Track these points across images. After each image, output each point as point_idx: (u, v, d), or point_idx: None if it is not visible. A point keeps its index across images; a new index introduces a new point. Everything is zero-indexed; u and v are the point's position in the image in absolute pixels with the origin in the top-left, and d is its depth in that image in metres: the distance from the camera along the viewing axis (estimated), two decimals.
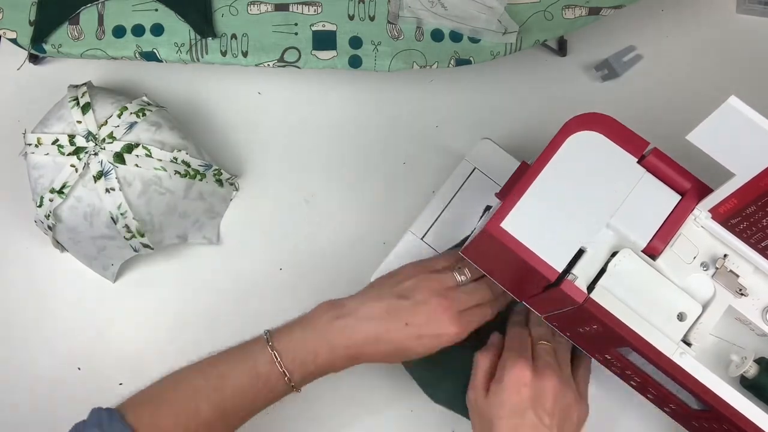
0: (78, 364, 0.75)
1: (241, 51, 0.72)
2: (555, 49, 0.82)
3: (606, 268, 0.53)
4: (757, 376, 0.54)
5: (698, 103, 0.76)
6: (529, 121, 0.81)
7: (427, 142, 0.80)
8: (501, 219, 0.53)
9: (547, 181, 0.54)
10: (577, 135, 0.55)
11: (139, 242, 0.70)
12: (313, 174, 0.79)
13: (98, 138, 0.68)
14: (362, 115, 0.81)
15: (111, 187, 0.67)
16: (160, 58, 0.72)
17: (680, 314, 0.53)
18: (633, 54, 0.82)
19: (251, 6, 0.73)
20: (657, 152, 0.55)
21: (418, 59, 0.73)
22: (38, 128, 0.70)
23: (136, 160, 0.68)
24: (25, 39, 0.72)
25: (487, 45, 0.73)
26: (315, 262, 0.77)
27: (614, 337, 0.54)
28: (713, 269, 0.55)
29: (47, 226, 0.69)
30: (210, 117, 0.81)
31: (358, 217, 0.78)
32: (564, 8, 0.73)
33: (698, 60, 0.82)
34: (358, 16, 0.73)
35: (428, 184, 0.78)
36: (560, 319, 0.60)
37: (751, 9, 0.83)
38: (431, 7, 0.72)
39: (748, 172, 0.49)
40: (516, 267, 0.55)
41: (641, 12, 0.83)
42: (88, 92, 0.71)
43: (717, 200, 0.53)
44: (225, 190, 0.76)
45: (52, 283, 0.76)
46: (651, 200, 0.54)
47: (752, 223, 0.53)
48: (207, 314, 0.76)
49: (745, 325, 0.56)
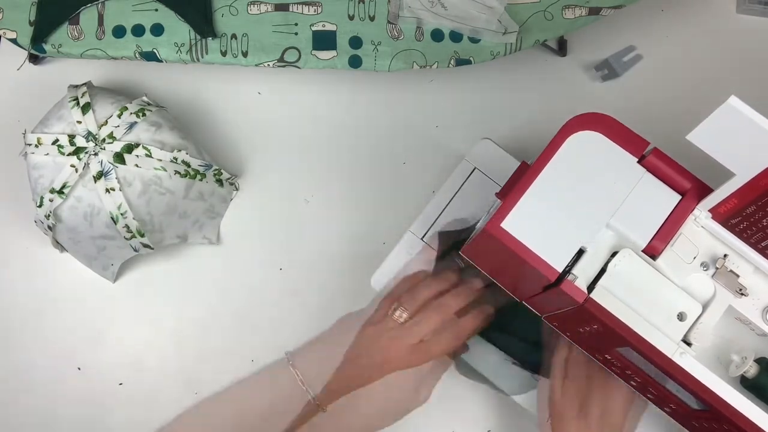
0: (78, 364, 0.75)
1: (241, 51, 0.72)
2: (555, 49, 0.82)
3: (606, 268, 0.53)
4: (757, 376, 0.54)
5: (698, 103, 0.76)
6: (529, 121, 0.81)
7: (427, 142, 0.80)
8: (501, 219, 0.53)
9: (547, 181, 0.54)
10: (577, 135, 0.55)
11: (139, 242, 0.70)
12: (313, 174, 0.79)
13: (98, 138, 0.68)
14: (362, 115, 0.81)
15: (111, 187, 0.67)
16: (160, 58, 0.72)
17: (680, 314, 0.53)
18: (633, 54, 0.82)
19: (251, 6, 0.73)
20: (657, 152, 0.55)
21: (418, 59, 0.73)
22: (38, 128, 0.70)
23: (136, 160, 0.68)
24: (25, 39, 0.72)
25: (487, 45, 0.73)
26: (315, 262, 0.77)
27: (614, 337, 0.54)
28: (713, 269, 0.55)
29: (47, 226, 0.69)
30: (210, 117, 0.81)
31: (358, 217, 0.78)
32: (564, 8, 0.73)
33: (698, 60, 0.83)
34: (358, 16, 0.73)
35: (428, 184, 0.78)
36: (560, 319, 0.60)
37: (751, 9, 0.83)
38: (431, 7, 0.72)
39: (748, 172, 0.49)
40: (516, 267, 0.55)
41: (641, 12, 0.83)
42: (88, 92, 0.71)
43: (717, 200, 0.53)
44: (225, 190, 0.76)
45: (52, 283, 0.76)
46: (651, 200, 0.54)
47: (752, 223, 0.53)
48: (207, 314, 0.76)
49: (745, 325, 0.56)
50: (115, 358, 0.75)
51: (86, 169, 0.67)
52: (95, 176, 0.67)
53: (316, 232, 0.78)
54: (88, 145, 0.68)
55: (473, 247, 0.62)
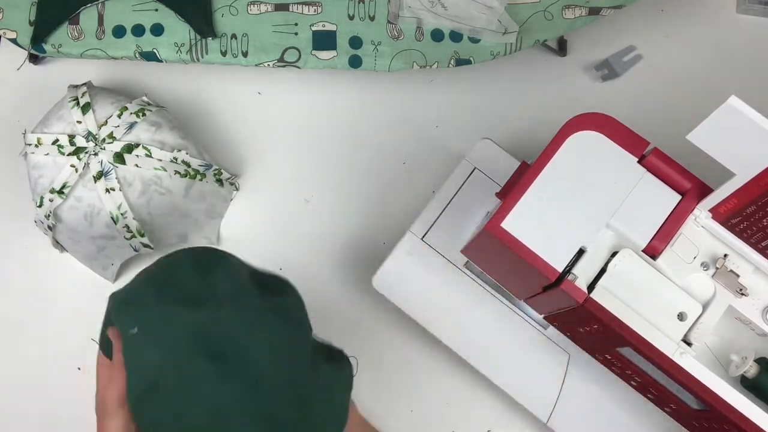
0: (78, 364, 0.75)
1: (241, 51, 0.72)
2: (555, 49, 0.82)
3: (606, 268, 0.53)
4: (757, 376, 0.54)
5: (698, 103, 0.76)
6: (529, 121, 0.80)
7: (427, 142, 0.80)
8: (501, 218, 0.53)
9: (547, 181, 0.54)
10: (577, 135, 0.55)
11: (139, 242, 0.70)
12: (313, 174, 0.79)
13: (98, 138, 0.68)
14: (362, 115, 0.81)
15: (111, 187, 0.67)
16: (160, 58, 0.72)
17: (680, 314, 0.53)
18: (633, 54, 0.82)
19: (251, 6, 0.73)
20: (657, 152, 0.55)
21: (418, 59, 0.73)
22: (38, 128, 0.70)
23: (136, 160, 0.68)
24: (25, 39, 0.72)
25: (487, 45, 0.73)
26: (315, 262, 0.77)
27: (614, 337, 0.54)
28: (713, 269, 0.55)
29: (47, 226, 0.69)
30: (210, 117, 0.81)
31: (358, 217, 0.78)
32: (564, 8, 0.73)
33: (698, 60, 0.83)
34: (358, 16, 0.73)
35: (428, 184, 0.78)
36: (560, 319, 0.60)
37: (751, 9, 0.83)
38: (431, 7, 0.72)
39: (748, 172, 0.49)
40: (516, 267, 0.55)
41: (641, 12, 0.83)
42: (88, 92, 0.71)
43: (717, 200, 0.53)
44: (225, 190, 0.76)
45: (52, 283, 0.76)
46: (651, 200, 0.54)
47: (752, 223, 0.53)
48: None
49: (745, 325, 0.56)
50: None
51: (86, 169, 0.67)
52: (95, 176, 0.67)
53: (316, 232, 0.78)
54: (88, 145, 0.68)
55: (473, 247, 0.62)
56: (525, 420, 0.72)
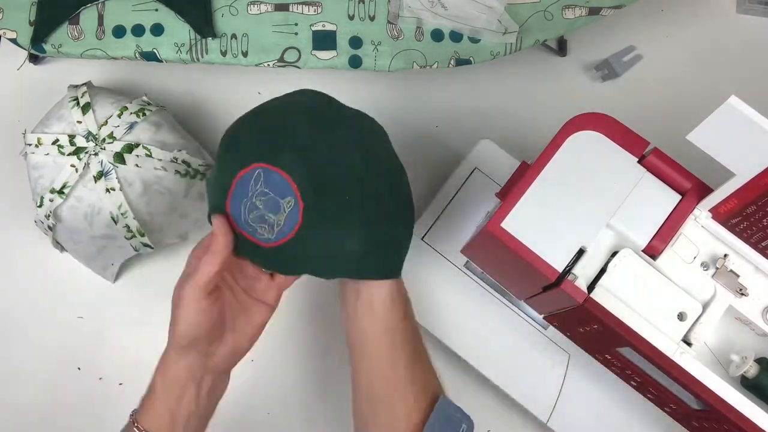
0: (78, 364, 0.75)
1: (241, 51, 0.72)
2: (555, 49, 0.82)
3: (606, 268, 0.53)
4: (757, 376, 0.54)
5: (698, 103, 0.76)
6: (529, 121, 0.80)
7: (427, 142, 0.80)
8: (501, 219, 0.53)
9: (547, 181, 0.54)
10: (577, 135, 0.55)
11: (139, 242, 0.70)
12: None
13: (98, 138, 0.68)
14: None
15: (111, 187, 0.67)
16: (160, 58, 0.72)
17: (680, 314, 0.53)
18: (633, 54, 0.82)
19: (251, 6, 0.73)
20: (657, 152, 0.55)
21: (418, 59, 0.73)
22: (38, 128, 0.70)
23: (137, 160, 0.68)
24: (25, 39, 0.72)
25: (487, 45, 0.73)
26: None
27: (614, 337, 0.54)
28: (713, 269, 0.55)
29: (47, 226, 0.69)
30: (210, 117, 0.81)
31: None
32: (564, 8, 0.73)
33: (698, 60, 0.83)
34: (358, 16, 0.73)
35: (428, 184, 0.78)
36: (560, 319, 0.60)
37: (751, 9, 0.83)
38: (431, 7, 0.72)
39: (749, 172, 0.49)
40: (516, 267, 0.55)
41: (641, 12, 0.83)
42: (88, 92, 0.71)
43: (717, 200, 0.53)
44: None
45: (52, 283, 0.76)
46: (651, 200, 0.54)
47: (752, 223, 0.53)
48: None
49: (746, 325, 0.56)
50: (115, 358, 0.75)
51: (86, 169, 0.67)
52: (95, 176, 0.67)
53: None
54: (88, 145, 0.68)
55: (473, 247, 0.62)
56: (525, 420, 0.72)
